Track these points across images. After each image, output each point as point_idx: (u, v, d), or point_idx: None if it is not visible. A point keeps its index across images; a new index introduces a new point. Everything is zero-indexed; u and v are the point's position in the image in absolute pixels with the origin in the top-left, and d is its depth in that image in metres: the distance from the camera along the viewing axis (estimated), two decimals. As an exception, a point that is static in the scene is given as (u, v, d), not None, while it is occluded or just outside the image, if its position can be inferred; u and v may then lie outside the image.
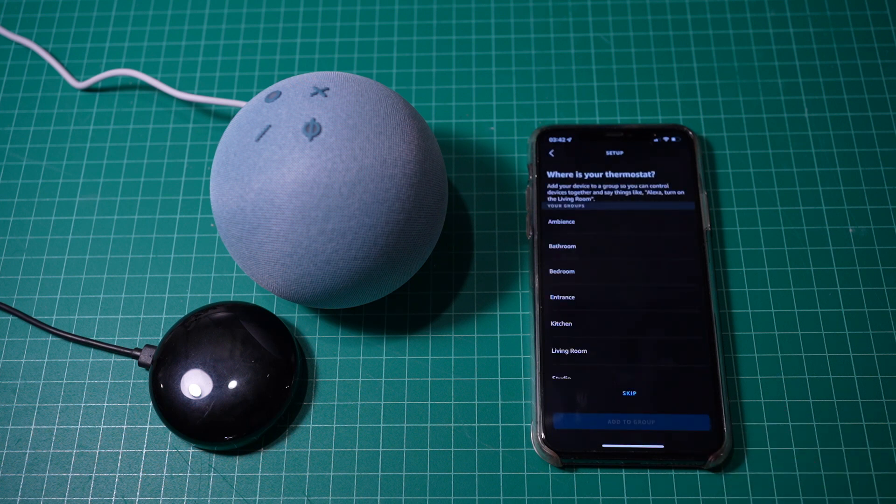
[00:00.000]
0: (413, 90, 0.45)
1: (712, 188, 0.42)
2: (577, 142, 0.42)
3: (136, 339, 0.40)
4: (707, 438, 0.36)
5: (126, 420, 0.39)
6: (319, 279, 0.34)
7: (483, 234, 0.42)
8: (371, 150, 0.33)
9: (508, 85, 0.45)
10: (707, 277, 0.39)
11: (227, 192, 0.34)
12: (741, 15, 0.47)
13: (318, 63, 0.46)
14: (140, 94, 0.46)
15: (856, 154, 0.43)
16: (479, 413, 0.38)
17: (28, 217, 0.43)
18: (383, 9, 0.48)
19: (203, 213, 0.43)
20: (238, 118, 0.36)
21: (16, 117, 0.46)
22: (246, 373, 0.37)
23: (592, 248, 0.40)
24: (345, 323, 0.40)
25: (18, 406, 0.39)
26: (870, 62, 0.45)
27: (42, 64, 0.47)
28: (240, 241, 0.35)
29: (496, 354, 0.39)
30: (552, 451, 0.36)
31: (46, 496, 0.37)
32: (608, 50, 0.46)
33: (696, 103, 0.44)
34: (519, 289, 0.41)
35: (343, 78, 0.36)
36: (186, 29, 0.48)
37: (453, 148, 0.44)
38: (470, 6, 0.48)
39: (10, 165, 0.44)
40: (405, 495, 0.37)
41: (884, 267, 0.40)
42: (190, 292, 0.41)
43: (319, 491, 0.37)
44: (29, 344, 0.40)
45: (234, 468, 0.37)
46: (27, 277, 0.42)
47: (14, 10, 0.49)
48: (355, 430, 0.38)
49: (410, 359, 0.39)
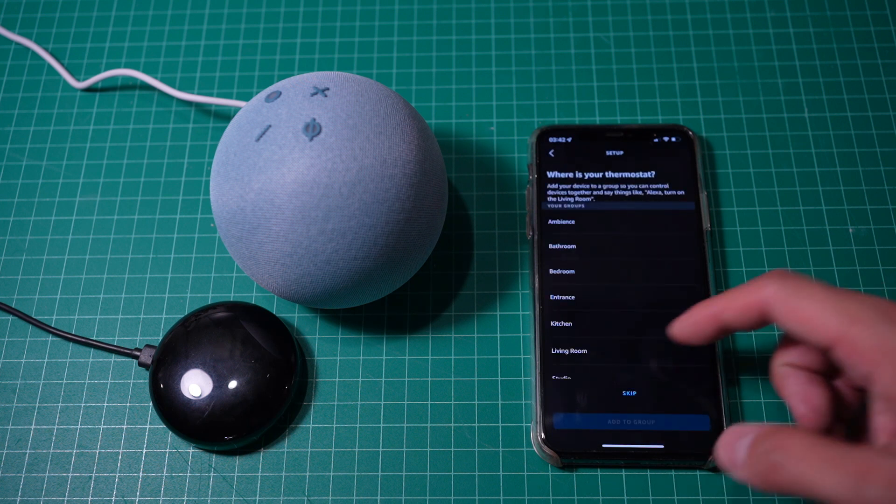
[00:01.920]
0: (413, 90, 0.45)
1: (712, 188, 0.42)
2: (577, 142, 0.42)
3: (136, 339, 0.40)
4: (707, 438, 0.36)
5: (126, 420, 0.39)
6: (319, 279, 0.34)
7: (483, 234, 0.42)
8: (371, 150, 0.33)
9: (508, 85, 0.45)
10: (707, 277, 0.39)
11: (227, 192, 0.34)
12: (741, 15, 0.47)
13: (318, 63, 0.46)
14: (140, 94, 0.46)
15: (856, 154, 0.43)
16: (479, 413, 0.38)
17: (28, 217, 0.43)
18: (383, 9, 0.48)
19: (203, 213, 0.43)
20: (238, 118, 0.36)
21: (16, 117, 0.46)
22: (246, 373, 0.37)
23: (592, 248, 0.40)
24: (345, 323, 0.40)
25: (18, 406, 0.39)
26: (870, 62, 0.45)
27: (42, 64, 0.47)
28: (240, 241, 0.35)
29: (496, 354, 0.39)
30: (552, 451, 0.36)
31: (46, 496, 0.37)
32: (608, 50, 0.46)
33: (696, 103, 0.44)
34: (519, 289, 0.41)
35: (343, 78, 0.36)
36: (186, 29, 0.48)
37: (453, 148, 0.44)
38: (470, 6, 0.48)
39: (10, 165, 0.44)
40: (405, 495, 0.37)
41: (884, 267, 0.40)
42: (190, 292, 0.41)
43: (319, 491, 0.37)
44: (29, 344, 0.40)
45: (234, 468, 0.37)
46: (27, 277, 0.42)
47: (14, 10, 0.49)
48: (355, 430, 0.38)
49: (410, 359, 0.39)
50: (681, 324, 0.34)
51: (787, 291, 0.30)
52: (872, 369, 0.28)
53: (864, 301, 0.29)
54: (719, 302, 0.32)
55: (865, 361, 0.28)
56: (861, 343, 0.28)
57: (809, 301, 0.29)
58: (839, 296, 0.29)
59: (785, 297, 0.30)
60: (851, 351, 0.28)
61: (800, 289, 0.30)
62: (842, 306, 0.29)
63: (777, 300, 0.30)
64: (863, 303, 0.29)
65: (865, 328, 0.28)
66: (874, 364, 0.28)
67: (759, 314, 0.31)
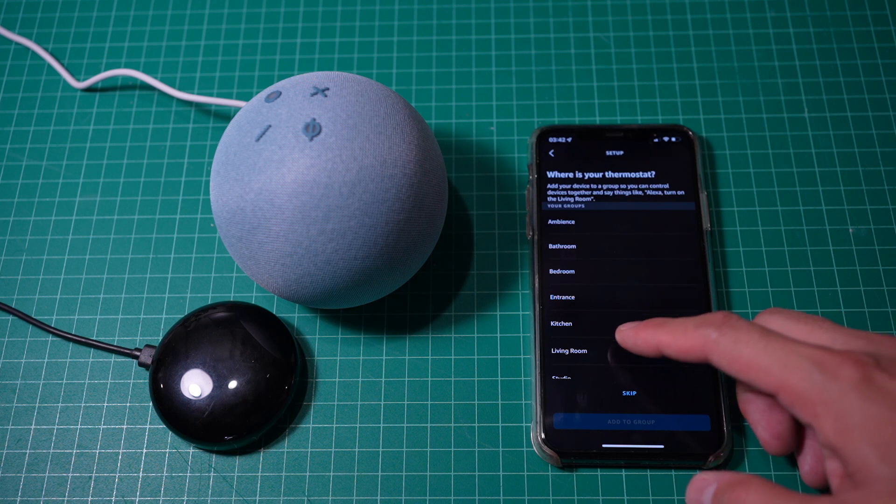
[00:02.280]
0: (413, 90, 0.45)
1: (712, 188, 0.42)
2: (577, 142, 0.42)
3: (136, 339, 0.40)
4: (707, 438, 0.36)
5: (126, 420, 0.39)
6: (319, 279, 0.34)
7: (483, 234, 0.42)
8: (371, 150, 0.33)
9: (508, 85, 0.45)
10: (707, 277, 0.39)
11: (227, 192, 0.34)
12: (741, 15, 0.47)
13: (318, 63, 0.46)
14: (140, 94, 0.46)
15: (856, 154, 0.43)
16: (479, 413, 0.38)
17: (28, 217, 0.43)
18: (383, 9, 0.48)
19: (203, 213, 0.43)
20: (238, 118, 0.36)
21: (16, 117, 0.46)
22: (246, 373, 0.37)
23: (592, 248, 0.40)
24: (345, 323, 0.40)
25: (18, 406, 0.39)
26: (870, 62, 0.45)
27: (42, 64, 0.47)
28: (240, 241, 0.35)
29: (496, 354, 0.39)
30: (552, 451, 0.36)
31: (46, 496, 0.37)
32: (608, 50, 0.46)
33: (696, 103, 0.44)
34: (519, 289, 0.41)
35: (343, 78, 0.36)
36: (186, 29, 0.48)
37: (453, 148, 0.44)
38: (470, 6, 0.48)
39: (10, 165, 0.44)
40: (405, 495, 0.37)
41: (884, 267, 0.40)
42: (190, 292, 0.41)
43: (319, 491, 0.37)
44: (29, 344, 0.40)
45: (234, 468, 0.37)
46: (27, 277, 0.42)
47: (14, 10, 0.49)
48: (355, 430, 0.38)
49: (410, 359, 0.39)
50: (625, 335, 0.35)
51: (726, 339, 0.31)
52: (812, 420, 0.29)
53: (799, 351, 0.29)
54: (663, 336, 0.33)
55: (806, 413, 0.29)
56: (800, 394, 0.29)
57: (748, 349, 0.30)
58: (776, 344, 0.30)
59: (724, 347, 0.31)
60: (793, 400, 0.29)
61: (738, 338, 0.31)
62: (777, 356, 0.30)
63: (717, 349, 0.31)
64: (798, 353, 0.29)
65: (802, 380, 0.29)
66: (814, 416, 0.29)
67: (699, 358, 0.32)
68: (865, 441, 0.27)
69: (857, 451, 0.27)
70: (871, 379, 0.28)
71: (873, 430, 0.27)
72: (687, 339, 0.32)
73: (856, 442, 0.27)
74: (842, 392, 0.28)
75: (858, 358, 0.29)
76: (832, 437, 0.28)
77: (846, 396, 0.28)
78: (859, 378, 0.28)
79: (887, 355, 0.29)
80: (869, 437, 0.27)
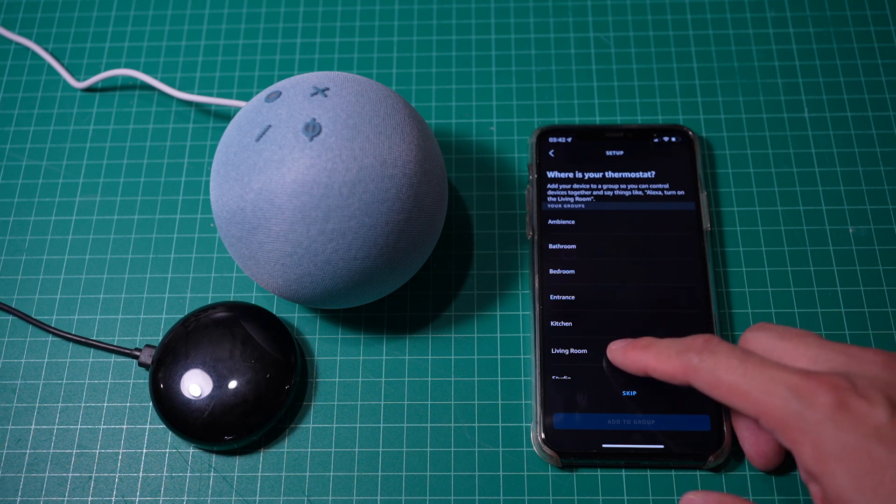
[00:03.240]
0: (413, 90, 0.45)
1: (712, 188, 0.42)
2: (577, 142, 0.42)
3: (136, 339, 0.40)
4: (707, 438, 0.36)
5: (126, 420, 0.39)
6: (319, 279, 0.34)
7: (483, 234, 0.42)
8: (371, 150, 0.33)
9: (508, 85, 0.45)
10: (707, 277, 0.39)
11: (227, 192, 0.34)
12: (741, 15, 0.47)
13: (318, 63, 0.46)
14: (140, 94, 0.46)
15: (856, 154, 0.43)
16: (479, 413, 0.38)
17: (28, 217, 0.43)
18: (383, 9, 0.48)
19: (203, 213, 0.43)
20: (238, 118, 0.36)
21: (16, 117, 0.46)
22: (246, 373, 0.37)
23: (592, 248, 0.40)
24: (345, 323, 0.40)
25: (18, 406, 0.39)
26: (870, 62, 0.45)
27: (42, 64, 0.47)
28: (240, 241, 0.35)
29: (496, 354, 0.39)
30: (552, 451, 0.36)
31: (46, 496, 0.37)
32: (608, 50, 0.46)
33: (696, 103, 0.44)
34: (519, 289, 0.41)
35: (343, 78, 0.36)
36: (186, 29, 0.48)
37: (453, 148, 0.44)
38: (470, 6, 0.48)
39: (10, 165, 0.44)
40: (405, 495, 0.37)
41: (884, 267, 0.40)
42: (190, 292, 0.41)
43: (319, 491, 0.37)
44: (29, 344, 0.40)
45: (234, 468, 0.37)
46: (27, 277, 0.42)
47: (14, 10, 0.49)
48: (355, 430, 0.38)
49: (410, 359, 0.39)
50: (615, 354, 0.36)
51: (706, 365, 0.32)
52: (791, 447, 0.30)
53: (777, 377, 0.30)
54: (649, 359, 0.34)
55: (786, 439, 0.30)
56: (779, 420, 0.30)
57: (729, 375, 0.31)
58: (755, 370, 0.31)
59: (705, 373, 0.32)
60: (773, 426, 0.30)
61: (717, 363, 0.32)
62: (756, 382, 0.30)
63: (698, 376, 0.32)
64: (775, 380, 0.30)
65: (780, 407, 0.30)
66: (792, 442, 0.29)
67: (682, 382, 0.33)
68: (841, 470, 0.28)
69: (833, 479, 0.28)
70: (847, 405, 0.28)
71: (848, 459, 0.28)
72: (670, 364, 0.33)
73: (832, 472, 0.28)
74: (817, 420, 0.29)
75: (835, 383, 0.29)
76: (810, 464, 0.29)
77: (821, 424, 0.29)
78: (835, 405, 0.29)
79: (866, 374, 0.30)
80: (844, 466, 0.28)
